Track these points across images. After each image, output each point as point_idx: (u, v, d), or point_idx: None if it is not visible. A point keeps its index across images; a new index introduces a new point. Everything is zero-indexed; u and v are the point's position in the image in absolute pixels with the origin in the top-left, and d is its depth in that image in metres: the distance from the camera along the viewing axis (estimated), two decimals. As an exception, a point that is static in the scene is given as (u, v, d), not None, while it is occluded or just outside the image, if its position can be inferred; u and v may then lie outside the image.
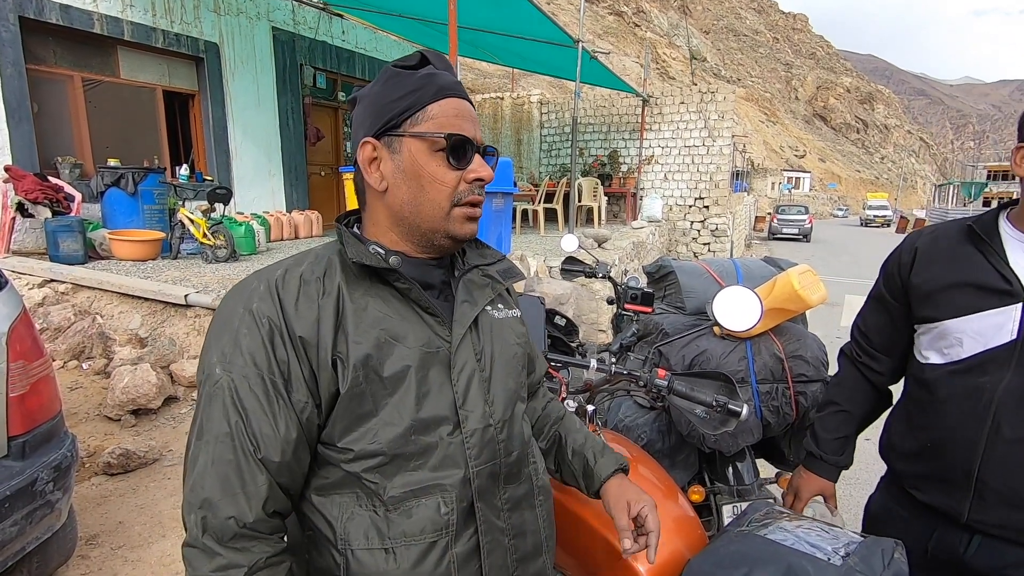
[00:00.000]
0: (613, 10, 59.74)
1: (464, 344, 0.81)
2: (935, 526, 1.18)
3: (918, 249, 1.23)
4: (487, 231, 4.21)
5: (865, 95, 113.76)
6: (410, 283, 0.77)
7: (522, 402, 0.89)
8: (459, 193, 0.79)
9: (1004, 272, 1.10)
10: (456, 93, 0.80)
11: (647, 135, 10.82)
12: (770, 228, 23.61)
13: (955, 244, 1.18)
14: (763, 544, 0.84)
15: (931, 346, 1.20)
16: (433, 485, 0.76)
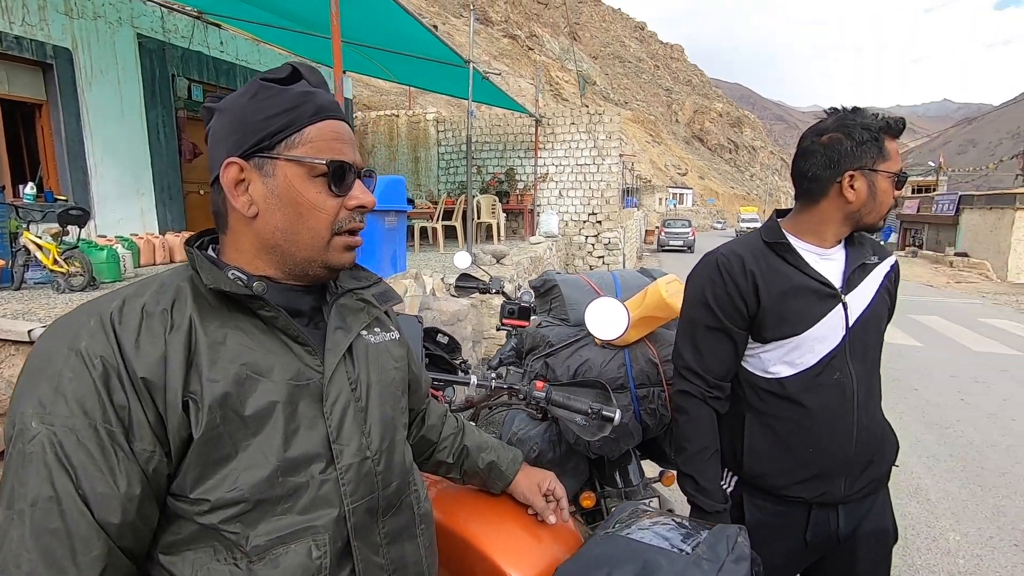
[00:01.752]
0: (507, 33, 61.60)
1: (338, 374, 0.76)
2: (809, 517, 1.31)
3: (754, 273, 1.27)
4: (380, 250, 4.11)
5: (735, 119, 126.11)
6: (276, 311, 0.71)
7: (403, 428, 0.86)
8: (339, 221, 0.75)
9: (819, 279, 1.27)
10: (335, 114, 0.76)
11: (541, 153, 11.20)
12: (659, 240, 25.30)
13: (772, 261, 1.28)
14: (624, 543, 0.88)
15: (781, 360, 1.28)
16: (303, 528, 0.70)
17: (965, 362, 6.55)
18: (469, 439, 1.10)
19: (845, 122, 1.23)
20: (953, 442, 4.13)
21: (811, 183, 1.26)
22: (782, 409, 1.29)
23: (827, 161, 1.23)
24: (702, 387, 1.33)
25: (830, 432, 1.27)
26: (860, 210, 1.25)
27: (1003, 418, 4.65)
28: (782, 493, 1.31)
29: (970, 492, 3.36)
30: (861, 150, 1.21)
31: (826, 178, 1.23)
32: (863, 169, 1.22)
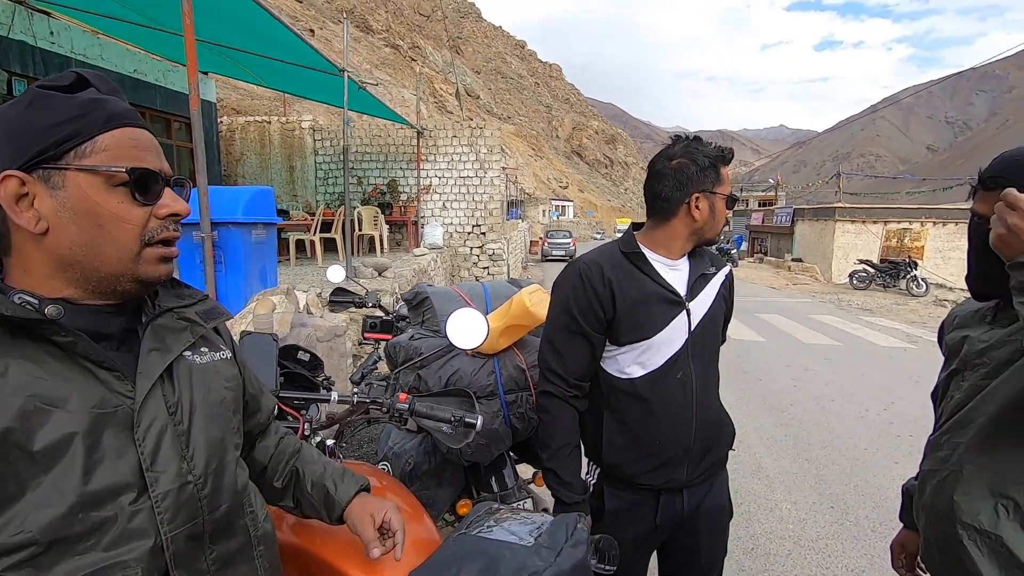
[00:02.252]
0: (389, 42, 60.70)
1: (152, 398, 0.72)
2: (658, 502, 1.46)
3: (612, 281, 1.38)
4: (246, 265, 3.87)
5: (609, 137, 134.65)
6: (74, 336, 0.67)
7: (235, 449, 0.84)
8: (149, 231, 0.72)
9: (667, 287, 1.43)
10: (132, 122, 0.73)
11: (424, 165, 11.18)
12: (543, 251, 26.27)
13: (628, 270, 1.42)
14: (473, 542, 0.93)
15: (634, 361, 1.41)
16: (110, 565, 0.65)
17: (797, 353, 7.56)
18: (303, 463, 1.04)
19: (690, 149, 1.39)
20: (787, 423, 4.76)
21: (664, 203, 1.40)
22: (634, 406, 1.42)
23: (677, 184, 1.38)
24: (563, 387, 1.41)
25: (673, 425, 1.43)
26: (703, 227, 1.43)
27: (824, 400, 5.44)
28: (636, 482, 1.45)
29: (799, 466, 3.89)
30: (703, 175, 1.38)
31: (676, 199, 1.39)
32: (705, 191, 1.38)
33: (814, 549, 2.87)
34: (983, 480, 0.99)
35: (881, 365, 7.01)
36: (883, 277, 16.11)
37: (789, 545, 2.90)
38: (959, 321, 1.21)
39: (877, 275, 16.25)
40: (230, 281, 3.77)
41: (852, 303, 13.24)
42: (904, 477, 3.86)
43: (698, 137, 1.45)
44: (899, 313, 11.78)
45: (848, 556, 2.81)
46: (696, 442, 1.45)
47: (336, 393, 1.30)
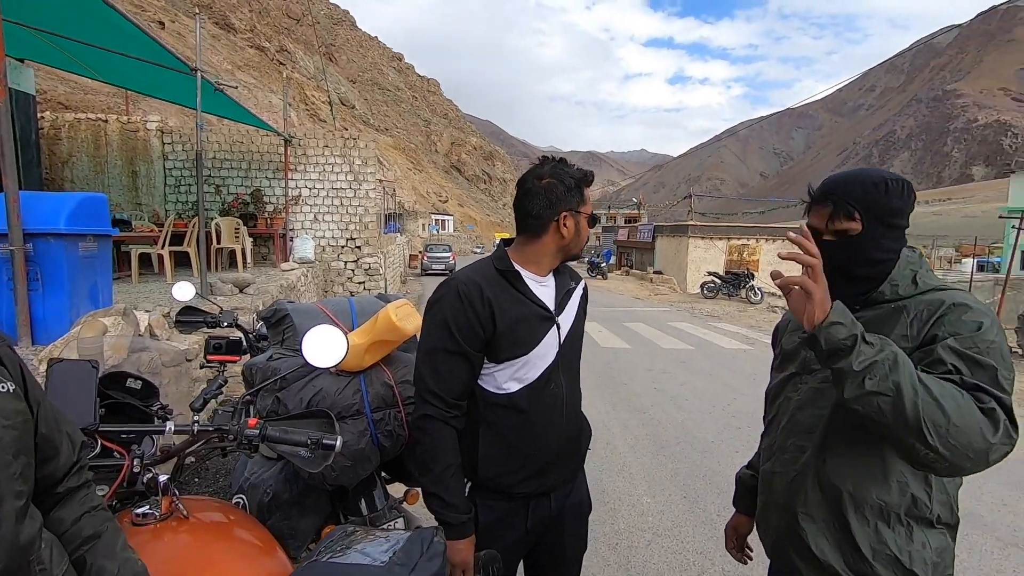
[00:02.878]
0: (254, 44, 56.82)
1: None
2: (528, 508, 1.50)
3: (491, 300, 1.39)
4: (72, 282, 3.36)
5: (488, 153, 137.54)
6: None
7: (16, 498, 0.72)
8: None
9: (540, 303, 1.49)
10: None
11: (293, 175, 10.58)
12: (422, 265, 25.99)
13: (504, 288, 1.45)
14: (324, 568, 0.90)
15: (512, 377, 1.44)
16: None
17: (657, 357, 8.25)
18: (95, 555, 0.87)
19: (557, 170, 1.46)
20: (648, 422, 5.16)
21: (535, 220, 1.45)
22: (510, 419, 1.45)
23: (547, 202, 1.44)
24: (442, 408, 1.39)
25: (547, 434, 1.49)
26: (570, 244, 1.51)
27: (680, 399, 5.99)
28: (510, 491, 1.48)
29: (658, 461, 4.23)
30: (570, 195, 1.46)
31: (546, 216, 1.45)
32: (572, 210, 1.46)
33: (669, 537, 3.13)
34: (825, 476, 1.13)
35: (726, 365, 7.87)
36: (727, 287, 18.16)
37: (648, 536, 3.14)
38: (794, 324, 1.30)
39: (722, 285, 18.28)
40: (50, 301, 3.25)
41: (703, 311, 14.75)
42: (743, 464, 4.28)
43: (563, 159, 1.53)
44: (740, 319, 13.35)
45: (698, 540, 3.10)
46: (565, 447, 1.54)
47: (172, 423, 1.18)
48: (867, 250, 1.11)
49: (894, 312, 1.11)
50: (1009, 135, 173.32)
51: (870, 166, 1.31)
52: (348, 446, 1.79)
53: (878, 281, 1.13)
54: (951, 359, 0.98)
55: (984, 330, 1.00)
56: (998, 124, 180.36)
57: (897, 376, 0.92)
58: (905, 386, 0.91)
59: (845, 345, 0.95)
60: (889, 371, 0.92)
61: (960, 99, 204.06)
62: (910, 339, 1.05)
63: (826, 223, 1.15)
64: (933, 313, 1.05)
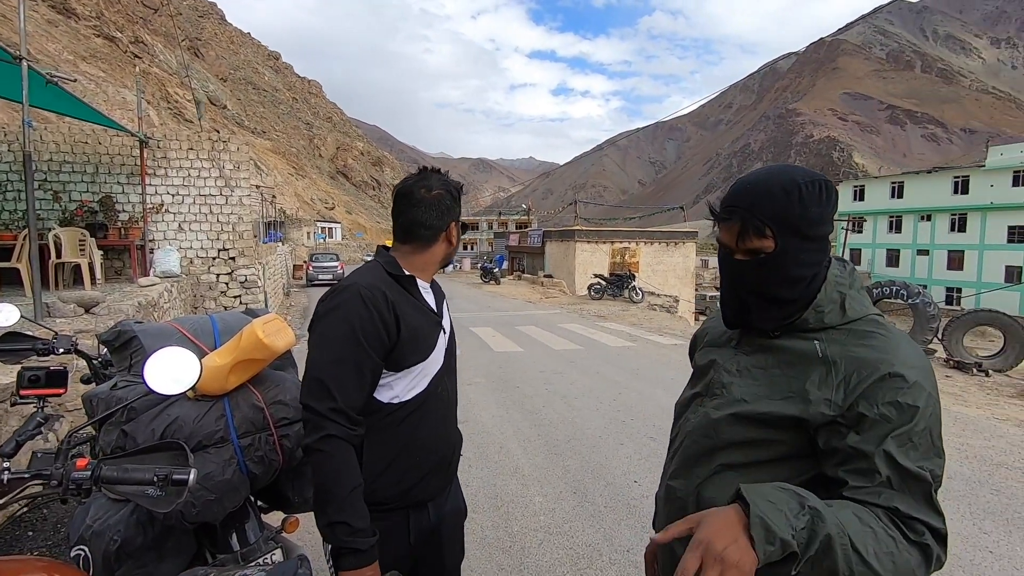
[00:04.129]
0: (101, 33, 50.60)
1: None
2: (408, 521, 1.44)
3: (395, 305, 1.35)
4: None
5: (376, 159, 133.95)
6: None
7: None
8: None
9: (431, 309, 1.49)
10: None
11: (152, 180, 9.54)
12: (308, 275, 24.63)
13: (401, 293, 1.41)
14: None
15: (409, 385, 1.41)
16: None
17: (549, 359, 8.51)
18: None
19: (444, 181, 1.49)
20: (540, 423, 5.29)
21: (426, 230, 1.46)
22: (400, 428, 1.41)
23: (438, 213, 1.46)
24: (346, 426, 1.29)
25: (436, 439, 1.48)
26: (453, 252, 1.57)
27: (570, 398, 6.21)
28: (390, 504, 1.41)
29: (550, 460, 4.35)
30: (455, 205, 1.51)
31: (438, 226, 1.47)
32: (456, 220, 1.52)
33: (561, 533, 3.22)
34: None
35: (612, 363, 8.30)
36: (612, 288, 19.22)
37: (541, 535, 3.21)
38: (709, 339, 1.20)
39: (607, 287, 19.31)
40: None
41: (591, 311, 15.46)
42: (628, 456, 4.54)
43: (438, 169, 1.54)
44: (624, 318, 14.17)
45: (587, 534, 3.22)
46: (448, 452, 1.53)
47: (-27, 473, 1.00)
48: (785, 268, 0.96)
49: (819, 363, 0.95)
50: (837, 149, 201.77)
51: (733, 174, 1.18)
52: (211, 477, 1.64)
53: (804, 302, 0.98)
54: (885, 470, 0.85)
55: (918, 417, 0.87)
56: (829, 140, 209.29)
57: (832, 561, 0.78)
58: (841, 566, 0.78)
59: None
60: (823, 557, 0.78)
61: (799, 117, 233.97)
62: (833, 406, 0.91)
63: (735, 241, 0.99)
64: (863, 380, 0.90)
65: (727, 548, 0.74)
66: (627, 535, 3.18)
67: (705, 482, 1.04)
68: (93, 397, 1.79)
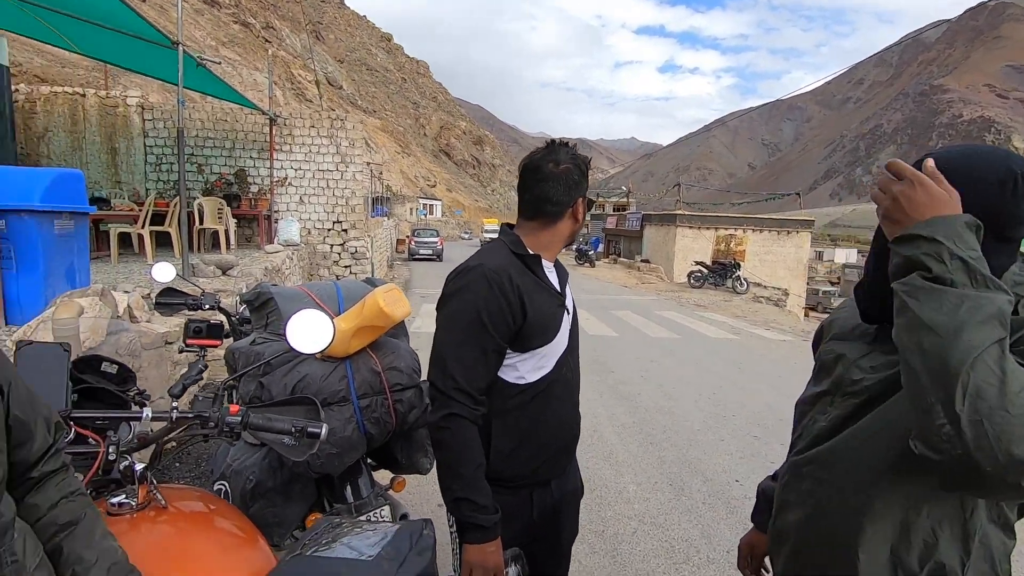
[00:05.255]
0: (238, 19, 55.43)
1: None
2: (532, 498, 1.45)
3: (520, 287, 1.33)
4: (46, 261, 3.25)
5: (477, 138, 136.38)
6: None
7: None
8: None
9: (554, 290, 1.47)
10: None
11: (278, 156, 10.37)
12: (410, 250, 25.79)
13: (526, 274, 1.40)
14: (308, 563, 0.86)
15: (535, 366, 1.40)
16: None
17: (645, 346, 8.28)
18: (72, 542, 0.83)
19: (572, 155, 1.44)
20: (635, 410, 5.18)
21: (554, 206, 1.42)
22: (528, 409, 1.40)
23: (566, 188, 1.41)
24: (470, 406, 1.30)
25: (562, 420, 1.48)
26: (578, 229, 1.52)
27: (667, 387, 6.02)
28: (517, 482, 1.43)
29: (644, 449, 4.25)
30: (584, 180, 1.45)
31: (564, 202, 1.42)
32: (583, 196, 1.46)
33: (655, 525, 3.15)
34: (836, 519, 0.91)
35: (712, 354, 7.93)
36: (714, 277, 18.29)
37: (634, 524, 3.15)
38: (836, 332, 1.07)
39: (709, 275, 18.40)
40: (23, 280, 3.14)
41: (689, 300, 14.84)
42: (729, 453, 4.31)
43: (567, 142, 1.50)
44: (726, 308, 13.46)
45: (683, 528, 3.12)
46: (571, 432, 1.54)
47: (150, 409, 1.13)
48: None
49: None
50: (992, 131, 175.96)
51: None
52: (334, 433, 1.75)
53: None
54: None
55: None
56: (982, 120, 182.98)
57: (967, 319, 0.66)
58: (969, 334, 0.66)
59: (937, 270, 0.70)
60: (961, 310, 0.67)
61: (946, 94, 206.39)
62: None
63: None
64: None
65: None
66: (727, 534, 3.04)
67: (841, 487, 0.95)
68: (235, 350, 1.96)
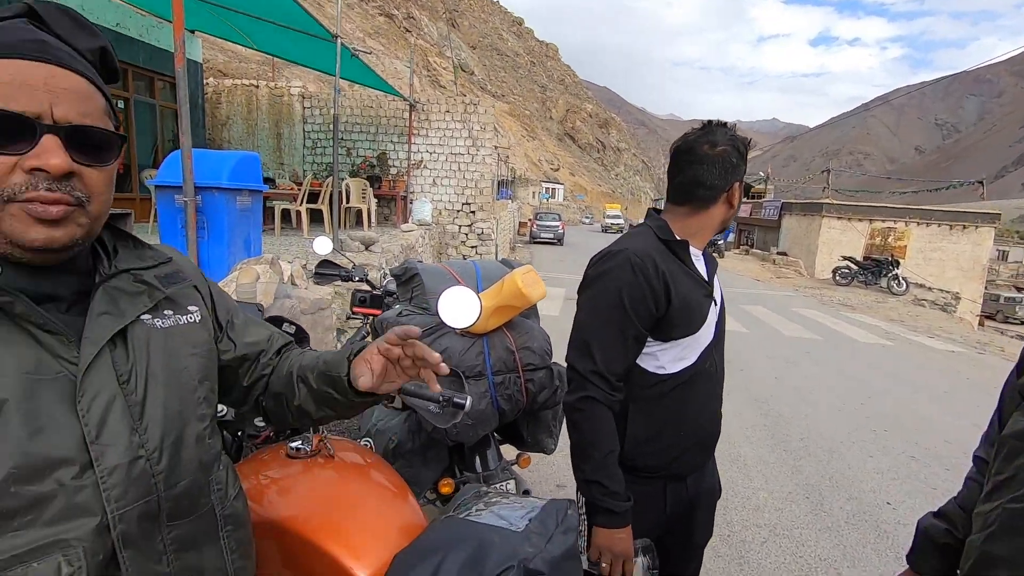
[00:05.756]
0: (384, 11, 59.24)
1: (99, 365, 0.66)
2: (665, 491, 1.41)
3: (665, 274, 1.28)
4: (231, 232, 3.76)
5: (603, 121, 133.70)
6: (12, 296, 0.62)
7: (199, 421, 0.77)
8: (11, 187, 0.61)
9: (702, 279, 1.40)
10: (20, 53, 0.61)
11: (415, 140, 11.00)
12: (531, 233, 26.14)
13: (672, 261, 1.33)
14: (462, 525, 0.90)
15: (678, 356, 1.34)
16: (50, 543, 0.61)
17: (779, 346, 7.65)
18: (302, 367, 0.94)
19: (731, 136, 1.34)
20: (767, 413, 4.82)
21: (707, 191, 1.33)
22: (666, 399, 1.36)
23: (722, 171, 1.32)
24: (607, 390, 1.28)
25: (702, 414, 1.42)
26: (732, 216, 1.42)
27: (804, 392, 5.52)
28: (650, 473, 1.39)
29: (777, 456, 3.95)
30: (741, 163, 1.35)
31: (719, 187, 1.33)
32: (740, 180, 1.36)
33: (788, 538, 2.92)
34: None
35: (860, 361, 7.12)
36: (865, 274, 16.35)
37: (764, 533, 2.94)
38: None
39: (859, 272, 16.48)
40: (213, 248, 3.68)
41: (833, 299, 13.42)
42: (879, 472, 3.87)
43: (725, 123, 1.39)
44: (879, 310, 11.98)
45: (821, 546, 2.86)
46: (711, 428, 1.47)
47: (322, 368, 1.26)
48: None
49: None
50: None
51: None
52: (471, 406, 1.83)
53: None
54: None
55: None
56: None
57: None
58: None
59: None
60: None
61: None
62: None
63: None
64: None
65: None
66: (873, 560, 2.74)
67: None
68: (383, 321, 2.11)
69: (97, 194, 0.67)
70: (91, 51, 0.69)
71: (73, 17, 0.69)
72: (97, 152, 0.66)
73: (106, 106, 0.69)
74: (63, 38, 0.67)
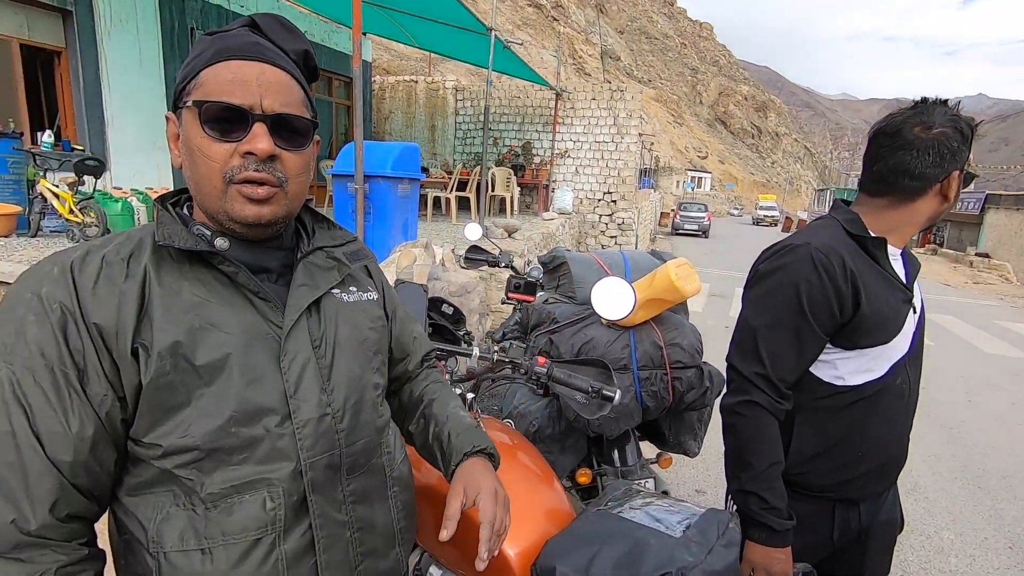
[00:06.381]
0: (532, 2, 60.11)
1: (298, 330, 0.76)
2: (833, 514, 1.27)
3: (854, 274, 1.15)
4: (392, 217, 4.10)
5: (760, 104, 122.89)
6: (236, 267, 0.72)
7: (374, 389, 0.85)
8: (231, 168, 0.70)
9: (900, 283, 1.22)
10: (240, 55, 0.71)
11: (560, 129, 11.03)
12: (673, 224, 24.98)
13: (863, 260, 1.19)
14: (616, 522, 0.88)
15: (863, 367, 1.20)
16: (258, 480, 0.71)
17: (976, 363, 6.47)
18: (436, 410, 1.00)
19: (951, 117, 1.13)
20: (957, 442, 4.10)
21: (914, 180, 1.15)
22: (843, 414, 1.22)
23: (937, 158, 1.12)
24: (773, 397, 1.18)
25: (886, 436, 1.25)
26: (944, 211, 1.20)
27: (1010, 422, 4.60)
28: (814, 493, 1.26)
29: (969, 493, 3.35)
30: (964, 148, 1.14)
31: (931, 176, 1.14)
32: (961, 169, 1.15)
33: (982, 592, 2.47)
34: None
35: (1091, 390, 5.76)
36: (1104, 284, 13.14)
37: (949, 581, 2.52)
38: None
39: (1095, 281, 13.29)
40: (377, 231, 4.04)
41: (1055, 312, 11.01)
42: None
43: (944, 100, 1.17)
44: (1123, 330, 9.57)
45: (1028, 608, 2.38)
46: (894, 453, 1.28)
47: (477, 349, 1.31)
48: None
49: None
50: None
51: None
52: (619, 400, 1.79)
53: None
54: None
55: None
56: None
57: None
58: None
59: None
60: None
61: None
62: None
63: None
64: None
65: None
66: (1105, 641, 2.21)
67: None
68: (529, 307, 2.15)
69: (294, 175, 0.75)
70: (296, 52, 0.79)
71: (283, 23, 0.78)
72: (294, 136, 0.75)
73: (304, 98, 0.78)
74: (274, 41, 0.76)
